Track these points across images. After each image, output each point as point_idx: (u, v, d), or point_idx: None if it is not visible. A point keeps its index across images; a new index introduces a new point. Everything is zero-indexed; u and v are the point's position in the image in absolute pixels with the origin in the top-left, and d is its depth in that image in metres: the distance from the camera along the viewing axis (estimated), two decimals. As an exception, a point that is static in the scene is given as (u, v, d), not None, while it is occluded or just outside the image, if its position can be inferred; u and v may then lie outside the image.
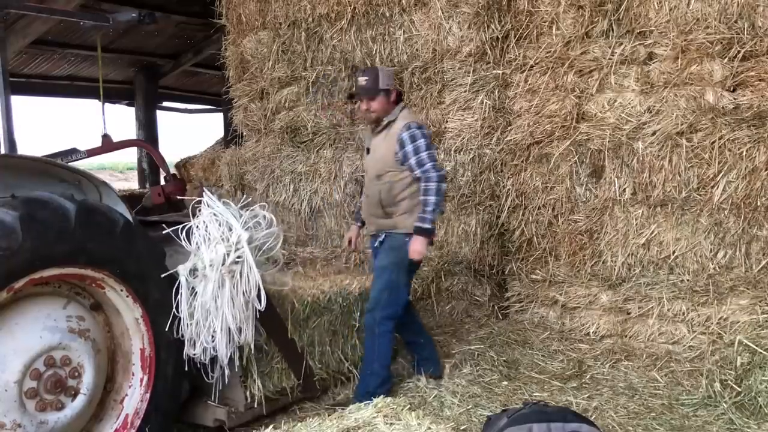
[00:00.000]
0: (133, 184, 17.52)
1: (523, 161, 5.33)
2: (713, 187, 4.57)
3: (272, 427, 2.52)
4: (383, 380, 3.87)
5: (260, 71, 6.64)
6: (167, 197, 6.79)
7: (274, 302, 3.58)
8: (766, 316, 4.01)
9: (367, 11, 5.90)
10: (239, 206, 3.32)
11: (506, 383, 4.15)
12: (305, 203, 6.30)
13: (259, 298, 3.22)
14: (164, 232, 3.23)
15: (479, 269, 5.59)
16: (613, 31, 4.91)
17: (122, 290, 3.00)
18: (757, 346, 3.67)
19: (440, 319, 5.34)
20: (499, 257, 5.57)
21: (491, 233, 5.47)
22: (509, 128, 5.41)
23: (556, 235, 5.24)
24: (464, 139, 5.52)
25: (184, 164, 12.83)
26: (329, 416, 2.48)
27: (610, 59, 4.89)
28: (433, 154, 3.85)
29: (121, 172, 28.22)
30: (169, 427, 3.27)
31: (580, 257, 5.14)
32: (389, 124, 3.91)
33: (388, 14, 5.82)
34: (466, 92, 5.49)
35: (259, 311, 3.27)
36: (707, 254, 4.64)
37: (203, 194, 3.31)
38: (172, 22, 11.04)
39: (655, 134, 4.73)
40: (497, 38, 5.43)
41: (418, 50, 5.69)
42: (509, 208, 5.40)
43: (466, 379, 4.19)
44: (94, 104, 20.86)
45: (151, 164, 12.65)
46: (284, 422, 2.70)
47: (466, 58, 5.47)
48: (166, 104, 15.35)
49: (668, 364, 4.50)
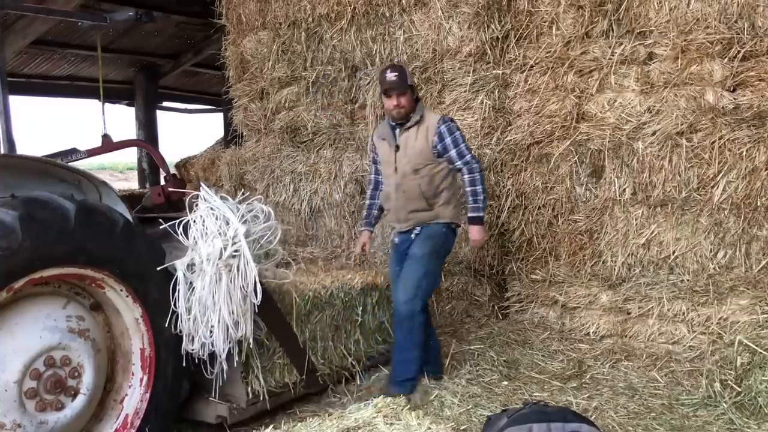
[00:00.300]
0: (133, 184, 17.51)
1: (523, 161, 5.33)
2: (713, 187, 4.57)
3: (272, 427, 2.52)
4: (420, 366, 4.00)
5: (260, 71, 6.64)
6: (167, 197, 6.78)
7: (274, 297, 3.57)
8: (766, 316, 4.00)
9: (367, 11, 5.90)
10: (237, 201, 3.30)
11: (506, 383, 4.14)
12: (305, 203, 6.29)
13: (255, 291, 3.19)
14: (161, 227, 3.20)
15: (479, 269, 5.59)
16: (613, 31, 4.92)
17: (122, 290, 3.00)
18: (757, 346, 3.66)
19: (440, 319, 5.33)
20: (499, 257, 5.56)
21: (491, 233, 5.46)
22: (509, 128, 5.41)
23: (556, 235, 5.24)
24: (464, 139, 5.52)
25: (184, 164, 12.80)
26: (329, 416, 2.48)
27: (610, 59, 4.89)
28: (468, 145, 4.03)
29: (121, 172, 28.20)
30: (169, 426, 3.26)
31: (580, 257, 5.14)
32: (421, 118, 3.99)
33: (388, 14, 5.82)
34: (466, 92, 5.48)
35: (258, 306, 3.24)
36: (707, 254, 4.64)
37: (200, 189, 3.29)
38: (172, 22, 11.03)
39: (655, 134, 4.73)
40: (497, 38, 5.42)
41: (418, 50, 5.69)
42: (509, 208, 5.40)
43: (465, 379, 4.18)
44: (94, 104, 20.94)
45: (151, 164, 12.64)
46: (284, 422, 2.69)
47: (466, 58, 5.47)
48: (166, 104, 15.32)
49: (668, 364, 4.49)
